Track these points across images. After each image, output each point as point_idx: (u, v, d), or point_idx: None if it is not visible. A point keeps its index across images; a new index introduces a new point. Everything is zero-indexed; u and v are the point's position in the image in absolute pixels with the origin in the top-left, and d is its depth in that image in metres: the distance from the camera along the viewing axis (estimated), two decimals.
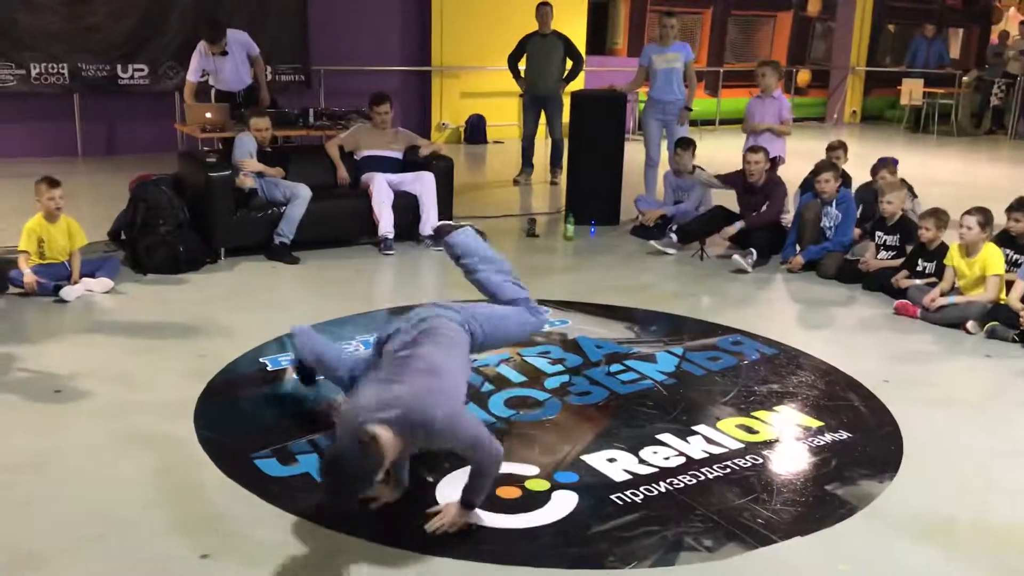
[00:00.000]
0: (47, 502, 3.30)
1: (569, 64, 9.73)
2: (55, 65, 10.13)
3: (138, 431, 3.86)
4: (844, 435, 4.01)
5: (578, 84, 10.22)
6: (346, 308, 5.51)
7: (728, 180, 7.28)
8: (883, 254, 6.40)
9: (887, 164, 7.11)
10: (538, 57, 9.66)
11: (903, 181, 7.23)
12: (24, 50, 9.92)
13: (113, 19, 10.33)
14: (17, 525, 3.15)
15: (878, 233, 6.45)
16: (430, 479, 3.49)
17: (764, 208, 6.98)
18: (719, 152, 10.96)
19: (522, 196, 9.62)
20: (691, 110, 8.46)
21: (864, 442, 3.96)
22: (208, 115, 8.02)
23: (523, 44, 9.75)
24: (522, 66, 9.81)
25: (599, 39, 15.24)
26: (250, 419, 4.04)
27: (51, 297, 5.53)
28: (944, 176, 10.82)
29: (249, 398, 4.25)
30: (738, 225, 7.02)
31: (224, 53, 8.15)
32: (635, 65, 8.88)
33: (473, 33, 12.54)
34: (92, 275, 5.78)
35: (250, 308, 5.53)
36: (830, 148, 7.64)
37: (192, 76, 8.32)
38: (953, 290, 5.66)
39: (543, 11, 9.61)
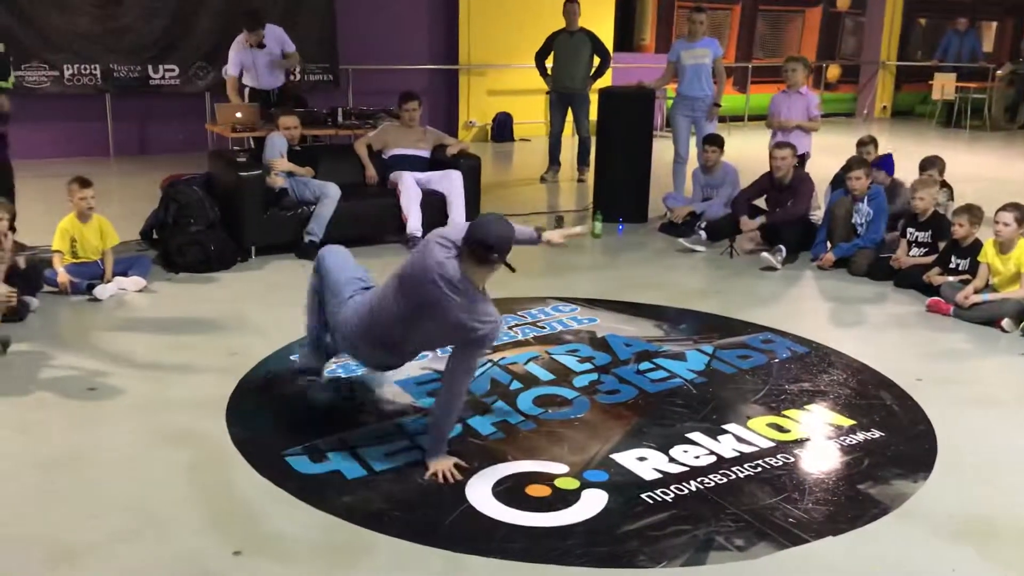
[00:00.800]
0: (82, 498, 3.35)
1: (596, 62, 9.71)
2: (87, 66, 10.26)
3: (171, 428, 3.90)
4: (876, 434, 3.97)
5: (606, 81, 10.18)
6: None
7: (756, 187, 7.19)
8: (915, 251, 6.32)
9: (935, 163, 7.02)
10: (565, 54, 9.65)
11: (944, 183, 7.13)
12: (57, 52, 10.07)
13: (144, 21, 10.46)
14: (53, 520, 3.19)
15: (910, 230, 6.38)
16: (459, 477, 3.49)
17: (789, 204, 6.93)
18: (747, 148, 10.88)
19: (549, 194, 9.61)
20: (720, 106, 8.41)
21: (897, 441, 3.92)
22: (238, 115, 8.08)
23: (550, 41, 9.75)
24: (549, 63, 9.81)
25: (626, 35, 15.19)
26: (281, 417, 4.06)
27: (84, 296, 5.60)
28: (978, 172, 10.68)
29: (280, 396, 4.28)
30: (759, 219, 6.97)
31: (261, 46, 8.21)
32: (663, 61, 8.84)
33: (500, 31, 12.54)
34: (124, 274, 5.84)
35: (281, 306, 5.56)
36: (860, 143, 7.56)
37: (233, 69, 8.40)
38: (987, 287, 5.58)
39: (570, 8, 9.60)
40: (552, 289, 6.00)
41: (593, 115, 9.19)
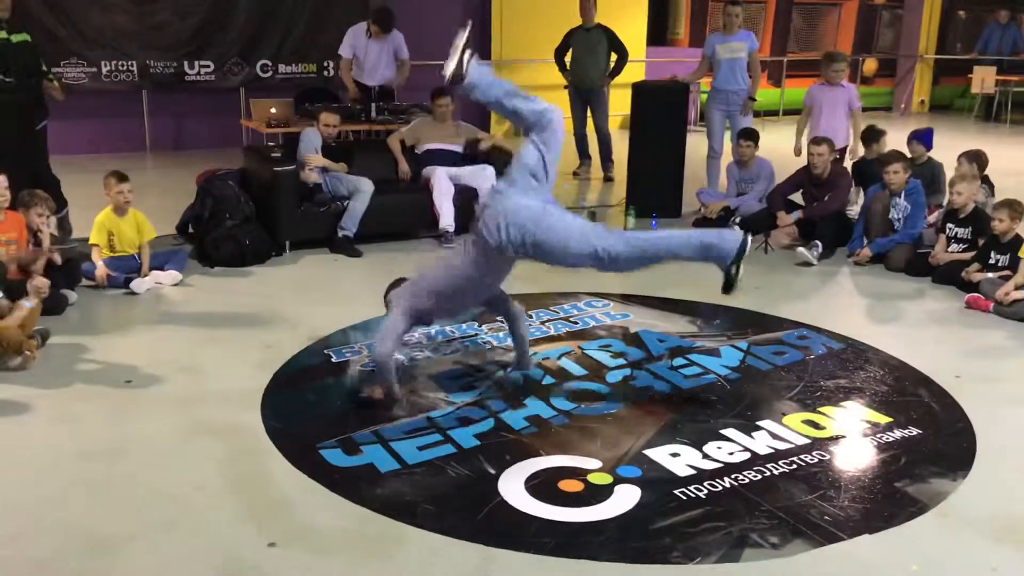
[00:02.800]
0: (120, 489, 3.39)
1: (614, 58, 9.66)
2: (124, 63, 10.38)
3: (207, 421, 3.94)
4: (914, 431, 3.92)
5: (639, 75, 10.12)
6: None
7: (792, 182, 7.12)
8: (954, 247, 6.23)
9: (978, 157, 6.92)
10: (582, 51, 9.61)
11: (986, 178, 7.02)
12: (95, 48, 10.19)
13: (180, 17, 10.56)
14: (91, 511, 3.24)
15: (949, 225, 6.28)
16: (492, 471, 3.50)
17: (827, 198, 6.86)
18: (782, 143, 10.77)
19: (582, 189, 9.58)
20: (755, 100, 8.34)
21: (935, 439, 3.87)
22: (273, 110, 8.13)
23: (568, 38, 9.74)
24: (568, 59, 9.79)
25: (660, 29, 15.10)
26: (315, 410, 4.09)
27: (121, 289, 5.67)
28: (1019, 166, 10.50)
29: (314, 389, 4.30)
30: (796, 214, 6.91)
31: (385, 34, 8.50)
32: (696, 55, 8.78)
33: (533, 26, 12.50)
34: (161, 268, 5.90)
35: (314, 300, 5.60)
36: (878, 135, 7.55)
37: (346, 53, 8.61)
38: None
39: (585, 5, 9.57)
40: (585, 284, 5.98)
41: (625, 109, 9.13)
